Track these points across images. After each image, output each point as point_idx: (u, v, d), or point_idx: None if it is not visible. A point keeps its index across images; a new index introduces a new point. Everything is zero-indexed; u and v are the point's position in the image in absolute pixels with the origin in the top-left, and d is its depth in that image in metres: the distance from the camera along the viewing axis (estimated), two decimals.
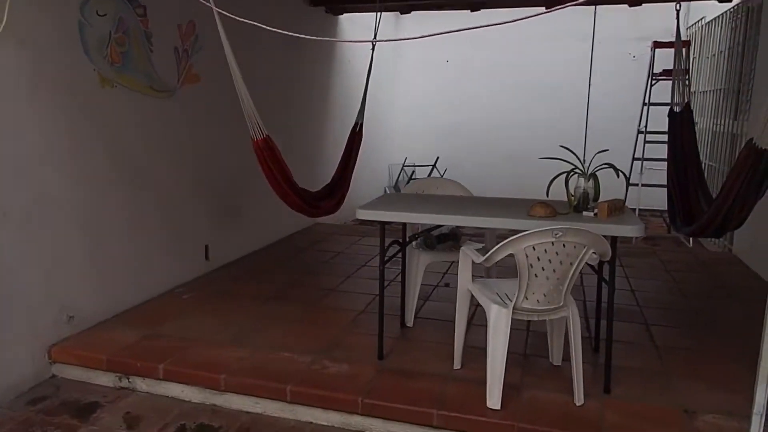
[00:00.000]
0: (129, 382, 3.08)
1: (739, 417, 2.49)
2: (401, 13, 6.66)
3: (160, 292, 4.06)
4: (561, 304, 2.57)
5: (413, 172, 8.42)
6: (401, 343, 3.31)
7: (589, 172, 2.87)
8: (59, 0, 3.16)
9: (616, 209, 2.77)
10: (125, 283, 3.74)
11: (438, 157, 8.44)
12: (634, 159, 6.30)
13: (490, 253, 2.45)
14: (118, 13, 3.55)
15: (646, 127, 5.91)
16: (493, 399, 2.59)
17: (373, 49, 5.16)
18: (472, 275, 2.84)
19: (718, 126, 5.79)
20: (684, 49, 6.10)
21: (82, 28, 3.30)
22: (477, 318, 3.62)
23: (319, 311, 3.84)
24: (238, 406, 2.89)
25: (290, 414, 2.81)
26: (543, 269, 2.45)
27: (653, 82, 5.90)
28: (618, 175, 2.98)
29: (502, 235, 2.67)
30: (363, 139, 4.49)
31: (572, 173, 2.92)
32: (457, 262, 3.77)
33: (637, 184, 7.53)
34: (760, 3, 4.90)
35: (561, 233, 2.35)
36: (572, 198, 2.88)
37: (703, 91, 6.05)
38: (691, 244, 5.97)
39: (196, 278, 4.42)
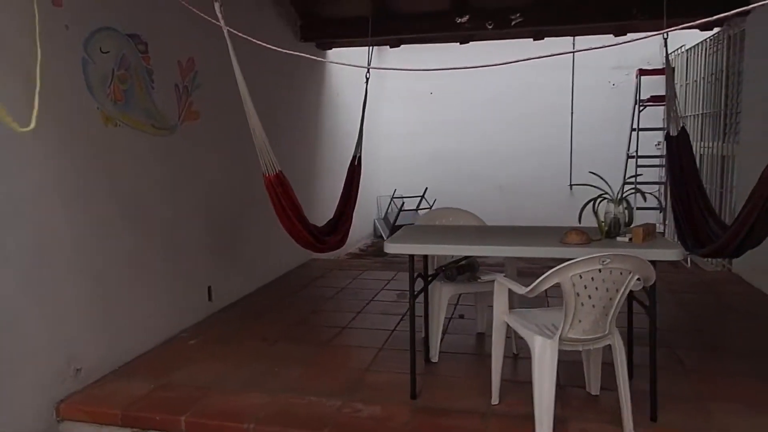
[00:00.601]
0: None
1: None
2: (390, 47, 6.68)
3: (165, 337, 3.86)
4: (606, 332, 2.51)
5: (403, 203, 8.38)
6: (430, 379, 3.19)
7: (619, 198, 2.85)
8: (63, 36, 3.04)
9: (649, 233, 2.75)
10: (130, 330, 3.54)
11: (426, 188, 8.43)
12: (625, 182, 6.39)
13: (536, 283, 2.39)
14: (121, 50, 3.44)
15: (636, 151, 6.01)
16: None
17: (367, 81, 5.18)
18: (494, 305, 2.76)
19: (705, 149, 5.94)
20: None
21: (86, 66, 3.19)
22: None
23: (333, 350, 3.69)
24: None
25: None
26: (589, 297, 2.39)
27: (641, 108, 6.03)
28: (645, 199, 2.97)
29: (521, 267, 2.62)
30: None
31: (601, 199, 2.89)
32: (475, 293, 3.76)
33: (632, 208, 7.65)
34: (742, 30, 5.08)
35: (609, 260, 2.31)
36: (602, 224, 2.85)
37: (688, 116, 6.21)
38: (689, 265, 6.03)
39: (199, 321, 4.23)
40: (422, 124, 8.90)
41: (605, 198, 2.86)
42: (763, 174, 2.90)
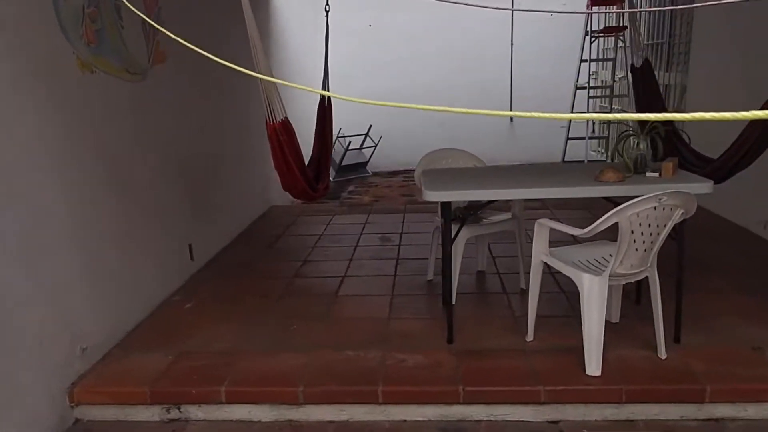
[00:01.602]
0: (180, 412, 2.70)
1: None
2: None
3: (157, 303, 3.59)
4: (648, 265, 2.63)
5: (349, 143, 8.17)
6: (457, 322, 3.22)
7: (645, 134, 2.91)
8: None
9: (676, 168, 2.86)
10: (125, 299, 3.25)
11: (371, 126, 8.25)
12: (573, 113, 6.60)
13: (596, 224, 2.43)
14: None
15: (588, 83, 6.19)
16: (592, 366, 2.61)
17: (327, 13, 4.90)
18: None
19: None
20: (615, 6, 6.44)
21: (56, 3, 2.71)
22: (509, 286, 3.64)
23: (344, 302, 3.62)
24: (320, 417, 2.65)
25: (382, 416, 2.63)
26: (642, 234, 2.47)
27: (592, 39, 6.17)
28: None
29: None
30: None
31: (624, 136, 2.95)
32: (477, 235, 3.78)
33: (583, 138, 7.97)
34: None
35: (665, 197, 2.38)
36: (628, 161, 2.92)
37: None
38: None
39: (186, 282, 3.97)
40: (361, 60, 8.59)
41: (630, 135, 2.91)
42: (763, 107, 3.08)
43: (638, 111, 4.64)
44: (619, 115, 1.20)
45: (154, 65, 3.64)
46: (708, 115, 0.81)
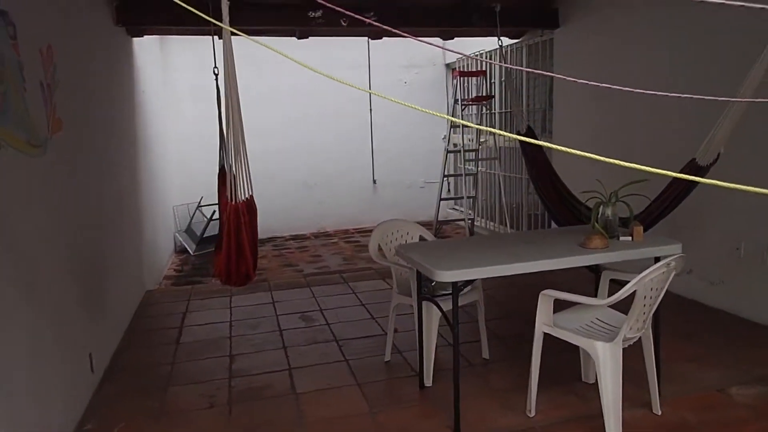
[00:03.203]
0: None
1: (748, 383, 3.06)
2: (219, 38, 5.83)
3: None
4: (646, 326, 2.73)
5: (213, 212, 7.45)
6: (446, 404, 2.97)
7: (615, 200, 3.07)
8: None
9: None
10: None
11: (202, 197, 7.64)
12: (444, 176, 6.90)
13: (619, 296, 2.46)
14: None
15: (463, 146, 6.54)
16: None
17: (216, 76, 4.58)
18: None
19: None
20: (481, 78, 6.99)
21: None
22: (470, 356, 3.53)
23: (312, 401, 3.09)
24: None
25: None
26: (649, 298, 2.57)
27: (463, 107, 6.58)
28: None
29: None
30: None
31: (597, 203, 3.07)
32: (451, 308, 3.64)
33: (450, 199, 8.32)
34: (551, 38, 5.95)
35: (674, 263, 2.51)
36: (596, 225, 3.06)
37: (501, 112, 7.00)
38: None
39: (91, 402, 3.14)
40: (214, 122, 8.03)
41: (601, 202, 3.06)
42: (684, 168, 3.49)
43: (530, 173, 5.01)
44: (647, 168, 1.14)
45: (53, 135, 2.92)
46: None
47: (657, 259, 2.89)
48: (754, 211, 3.90)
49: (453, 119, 6.75)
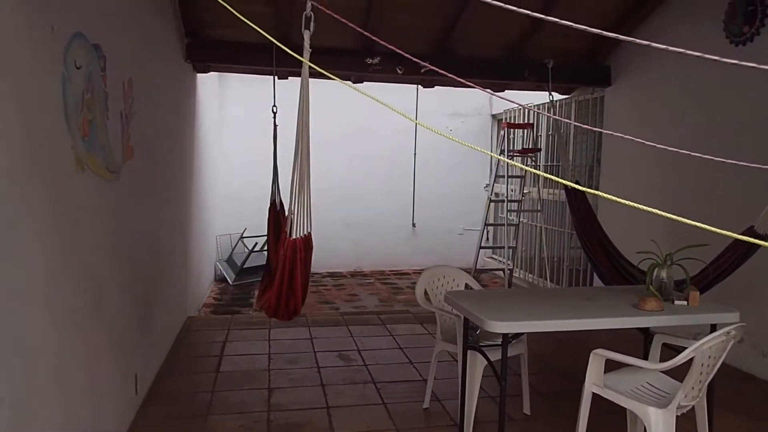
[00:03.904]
0: None
1: None
2: (279, 78, 6.08)
3: None
4: (701, 394, 2.66)
5: (255, 244, 7.61)
6: None
7: (670, 263, 3.04)
8: (48, 41, 2.05)
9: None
10: None
11: (246, 228, 7.80)
12: (485, 225, 6.91)
13: (678, 359, 2.40)
14: (89, 66, 2.46)
15: (507, 196, 6.57)
16: None
17: (275, 114, 4.78)
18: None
19: None
20: (528, 130, 7.06)
21: (65, 85, 2.19)
22: (511, 411, 3.46)
23: None
24: None
25: None
26: (708, 366, 2.50)
27: (510, 157, 6.63)
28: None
29: None
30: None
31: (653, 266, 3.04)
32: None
33: (489, 247, 8.31)
34: (602, 96, 6.00)
35: (734, 331, 2.45)
36: (651, 288, 3.02)
37: (554, 165, 7.02)
38: None
39: (134, 423, 3.19)
40: (265, 158, 8.27)
41: (655, 264, 3.02)
42: (743, 233, 3.44)
43: (576, 226, 4.99)
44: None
45: (126, 161, 3.08)
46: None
47: (713, 326, 2.85)
48: None
49: (509, 161, 6.77)
